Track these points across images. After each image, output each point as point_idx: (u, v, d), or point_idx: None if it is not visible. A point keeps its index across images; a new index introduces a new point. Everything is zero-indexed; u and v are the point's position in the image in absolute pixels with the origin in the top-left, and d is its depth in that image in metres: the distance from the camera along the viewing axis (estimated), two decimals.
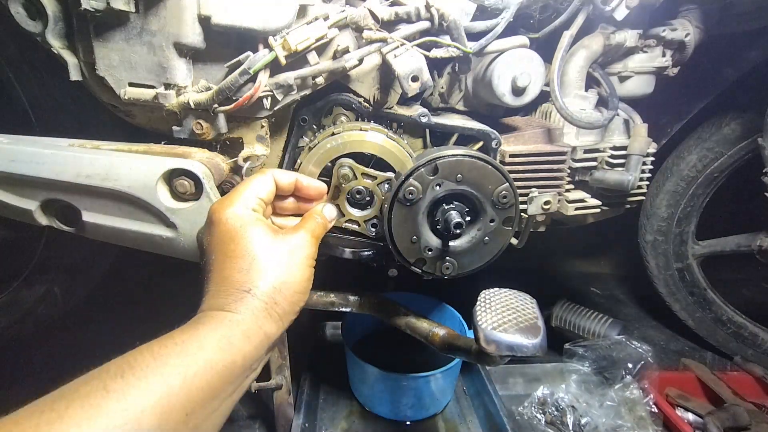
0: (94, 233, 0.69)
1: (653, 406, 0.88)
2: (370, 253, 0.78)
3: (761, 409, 0.91)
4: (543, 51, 0.76)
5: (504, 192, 0.72)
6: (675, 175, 1.04)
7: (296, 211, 0.61)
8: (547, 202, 0.82)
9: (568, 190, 0.87)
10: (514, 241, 0.79)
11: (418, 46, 0.68)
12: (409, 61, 0.67)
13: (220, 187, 0.68)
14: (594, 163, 0.88)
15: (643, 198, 0.96)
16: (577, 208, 0.86)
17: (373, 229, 0.77)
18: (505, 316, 0.55)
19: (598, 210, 0.89)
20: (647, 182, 0.93)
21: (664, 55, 0.88)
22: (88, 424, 0.32)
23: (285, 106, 0.71)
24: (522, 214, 0.80)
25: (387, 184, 0.74)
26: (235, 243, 0.47)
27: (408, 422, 0.93)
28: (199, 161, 0.65)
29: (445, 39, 0.70)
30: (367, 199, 0.76)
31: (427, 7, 0.67)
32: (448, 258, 0.75)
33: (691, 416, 0.91)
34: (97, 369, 0.37)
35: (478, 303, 0.58)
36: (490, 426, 0.89)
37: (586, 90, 0.86)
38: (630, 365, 0.95)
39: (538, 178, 0.82)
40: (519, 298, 0.59)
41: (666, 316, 1.20)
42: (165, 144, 0.71)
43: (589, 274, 1.60)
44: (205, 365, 0.38)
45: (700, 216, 1.07)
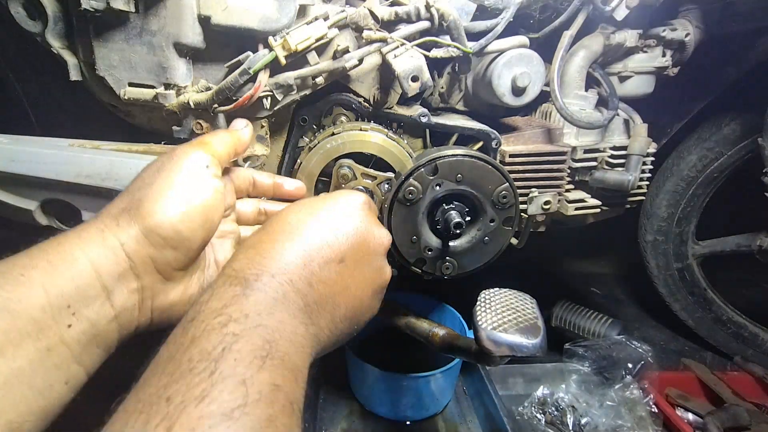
0: None
1: (653, 406, 0.88)
2: None
3: (761, 409, 0.91)
4: (543, 51, 0.76)
5: (504, 192, 0.72)
6: (675, 175, 1.04)
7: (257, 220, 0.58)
8: (547, 202, 0.82)
9: (568, 190, 0.87)
10: (514, 241, 0.79)
11: (418, 46, 0.68)
12: (409, 61, 0.67)
13: None
14: (594, 163, 0.88)
15: (643, 198, 0.96)
16: (577, 208, 0.86)
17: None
18: (505, 316, 0.55)
19: (598, 210, 0.89)
20: (647, 182, 0.93)
21: (664, 55, 0.88)
22: None
23: (285, 106, 0.71)
24: (522, 214, 0.80)
25: (387, 184, 0.74)
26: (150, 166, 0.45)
27: (408, 422, 0.93)
28: None
29: (445, 39, 0.70)
30: None
31: (427, 7, 0.67)
32: (448, 258, 0.75)
33: (691, 416, 0.91)
34: None
35: (478, 303, 0.58)
36: (490, 426, 0.89)
37: (586, 90, 0.86)
38: (630, 365, 0.95)
39: (538, 178, 0.82)
40: (519, 298, 0.59)
41: (666, 316, 1.20)
42: (165, 144, 0.71)
43: (589, 274, 1.60)
44: None
45: (700, 216, 1.07)
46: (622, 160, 0.87)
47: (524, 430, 0.90)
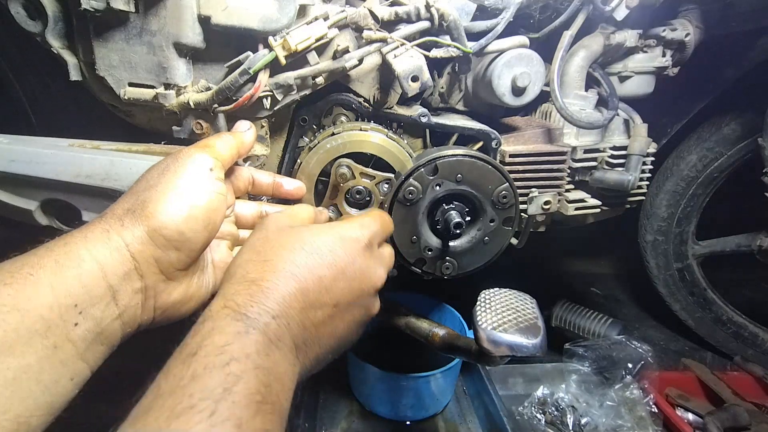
0: None
1: (653, 406, 0.88)
2: None
3: (761, 409, 0.91)
4: (543, 51, 0.76)
5: (504, 192, 0.72)
6: (675, 175, 1.04)
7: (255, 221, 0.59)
8: (547, 202, 0.82)
9: (568, 190, 0.87)
10: (514, 241, 0.79)
11: (418, 46, 0.68)
12: (409, 61, 0.67)
13: None
14: (594, 163, 0.88)
15: (643, 198, 0.96)
16: (577, 208, 0.86)
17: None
18: (505, 316, 0.55)
19: (598, 210, 0.89)
20: (647, 182, 0.93)
21: (664, 55, 0.88)
22: None
23: (285, 106, 0.71)
24: (522, 214, 0.80)
25: (386, 184, 0.74)
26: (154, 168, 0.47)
27: (408, 422, 0.93)
28: None
29: (445, 39, 0.70)
30: (367, 199, 0.76)
31: (427, 7, 0.67)
32: (448, 258, 0.75)
33: (691, 416, 0.91)
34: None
35: (478, 303, 0.58)
36: (490, 426, 0.89)
37: (586, 90, 0.86)
38: (630, 365, 0.95)
39: (538, 178, 0.82)
40: (519, 298, 0.59)
41: (666, 316, 1.20)
42: (165, 144, 0.71)
43: (589, 274, 1.60)
44: None
45: (700, 216, 1.07)
46: (622, 160, 0.87)
47: (524, 430, 0.90)
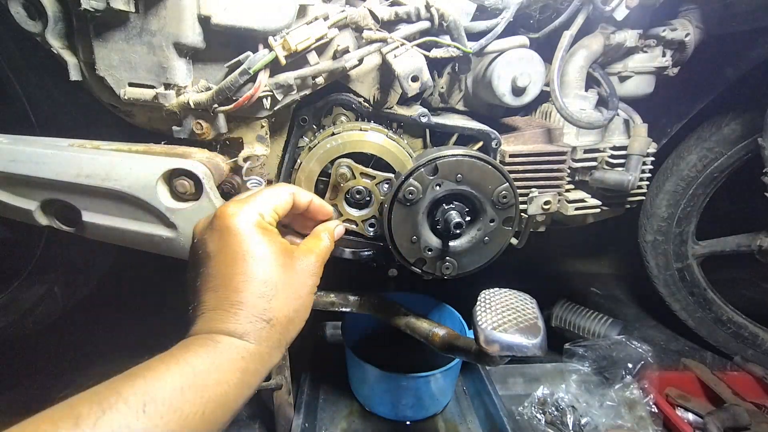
0: (94, 233, 0.69)
1: (653, 406, 0.88)
2: (369, 253, 0.78)
3: (761, 409, 0.91)
4: (543, 51, 0.76)
5: (504, 192, 0.72)
6: (675, 175, 1.04)
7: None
8: (547, 202, 0.82)
9: (568, 190, 0.87)
10: (514, 241, 0.79)
11: (418, 46, 0.68)
12: (409, 61, 0.67)
13: (220, 187, 0.68)
14: (594, 163, 0.88)
15: (643, 198, 0.96)
16: (577, 208, 0.86)
17: (371, 229, 0.77)
18: (505, 316, 0.55)
19: (598, 210, 0.89)
20: (647, 182, 0.93)
21: (664, 55, 0.88)
22: None
23: (285, 106, 0.71)
24: (522, 214, 0.80)
25: (386, 184, 0.74)
26: (252, 261, 0.43)
27: (408, 422, 0.93)
28: (199, 161, 0.65)
29: (445, 39, 0.70)
30: (367, 199, 0.76)
31: (427, 7, 0.67)
32: (448, 258, 0.75)
33: (691, 416, 0.91)
34: (76, 398, 0.32)
35: (478, 303, 0.58)
36: (490, 426, 0.89)
37: (586, 90, 0.86)
38: (630, 365, 0.95)
39: (538, 178, 0.82)
40: (519, 298, 0.59)
41: (666, 316, 1.20)
42: (165, 144, 0.71)
43: (589, 274, 1.60)
44: (223, 401, 0.37)
45: (700, 216, 1.07)
46: (622, 160, 0.87)
47: (524, 430, 0.90)
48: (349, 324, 1.01)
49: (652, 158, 0.91)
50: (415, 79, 0.67)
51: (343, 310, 0.81)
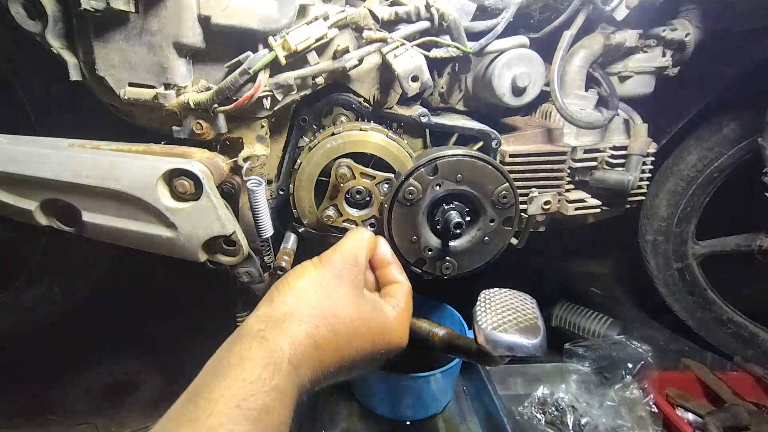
0: (94, 233, 0.69)
1: (653, 406, 0.88)
2: None
3: (761, 409, 0.91)
4: (543, 51, 0.76)
5: (504, 192, 0.72)
6: (675, 175, 1.04)
7: None
8: (547, 202, 0.82)
9: (568, 190, 0.87)
10: (514, 241, 0.79)
11: (418, 46, 0.68)
12: (409, 61, 0.67)
13: (220, 188, 0.68)
14: (594, 163, 0.88)
15: (643, 198, 0.96)
16: (577, 208, 0.86)
17: (371, 229, 0.77)
18: (505, 316, 0.55)
19: (598, 210, 0.89)
20: (647, 182, 0.93)
21: (664, 55, 0.88)
22: None
23: (285, 106, 0.71)
24: (522, 214, 0.80)
25: (386, 184, 0.74)
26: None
27: (408, 422, 0.93)
28: (199, 161, 0.65)
29: (445, 39, 0.70)
30: (367, 199, 0.76)
31: (427, 7, 0.67)
32: (448, 258, 0.75)
33: (691, 416, 0.91)
34: None
35: (478, 303, 0.58)
36: (490, 426, 0.89)
37: (586, 90, 0.86)
38: (630, 365, 0.95)
39: (538, 178, 0.82)
40: (519, 298, 0.59)
41: (666, 316, 1.20)
42: (165, 144, 0.71)
43: (589, 274, 1.60)
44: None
45: (700, 216, 1.07)
46: (622, 160, 0.87)
47: (524, 430, 0.90)
48: None
49: (652, 158, 0.91)
50: (415, 79, 0.67)
51: None
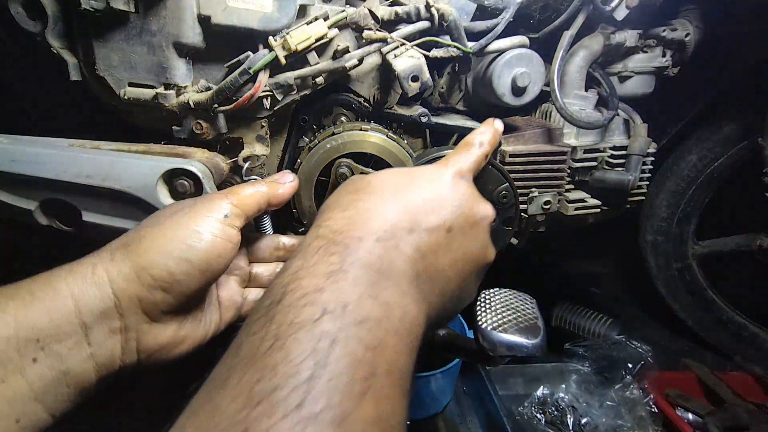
0: (94, 233, 0.69)
1: (653, 406, 0.88)
2: None
3: (761, 409, 0.91)
4: (543, 51, 0.76)
5: (504, 192, 0.71)
6: (675, 175, 1.04)
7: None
8: (547, 202, 0.82)
9: (568, 190, 0.87)
10: (514, 241, 0.79)
11: (418, 46, 0.68)
12: (409, 61, 0.67)
13: (220, 188, 0.68)
14: (594, 163, 0.88)
15: (643, 198, 0.96)
16: (577, 208, 0.86)
17: None
18: (505, 316, 0.55)
19: (598, 210, 0.89)
20: (647, 182, 0.93)
21: (664, 55, 0.88)
22: None
23: (285, 106, 0.71)
24: (522, 214, 0.80)
25: None
26: None
27: (408, 422, 0.93)
28: (199, 161, 0.65)
29: (445, 39, 0.70)
30: None
31: (427, 7, 0.67)
32: None
33: (691, 416, 0.91)
34: None
35: (478, 303, 0.58)
36: (490, 426, 0.89)
37: (586, 90, 0.86)
38: (630, 365, 0.95)
39: (538, 178, 0.82)
40: (519, 298, 0.59)
41: (666, 316, 1.20)
42: (165, 144, 0.71)
43: (589, 274, 1.60)
44: None
45: (700, 216, 1.07)
46: (622, 160, 0.87)
47: (524, 430, 0.90)
48: None
49: (652, 158, 0.91)
50: (415, 79, 0.67)
51: None
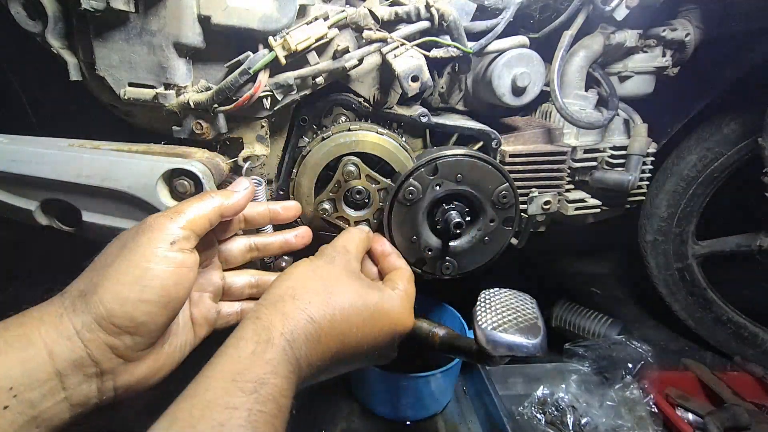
0: (94, 233, 0.69)
1: (653, 406, 0.88)
2: None
3: (761, 409, 0.91)
4: (543, 51, 0.76)
5: (504, 192, 0.72)
6: (675, 175, 1.04)
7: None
8: (547, 202, 0.82)
9: (568, 190, 0.87)
10: (514, 241, 0.80)
11: (418, 46, 0.68)
12: (409, 61, 0.67)
13: (220, 187, 0.68)
14: (594, 163, 0.88)
15: (643, 198, 0.96)
16: (577, 208, 0.86)
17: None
18: (505, 316, 0.55)
19: (598, 210, 0.89)
20: (647, 182, 0.93)
21: (664, 55, 0.88)
22: None
23: (285, 106, 0.71)
24: (522, 214, 0.80)
25: (387, 191, 0.74)
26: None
27: (408, 422, 0.93)
28: (199, 161, 0.65)
29: (445, 39, 0.70)
30: (365, 201, 0.76)
31: (427, 7, 0.67)
32: (448, 258, 0.75)
33: (691, 416, 0.91)
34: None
35: (478, 303, 0.58)
36: (490, 426, 0.89)
37: (586, 90, 0.86)
38: (630, 365, 0.95)
39: (538, 178, 0.82)
40: (519, 298, 0.59)
41: (666, 316, 1.20)
42: (165, 144, 0.71)
43: (589, 274, 1.60)
44: None
45: (700, 216, 1.07)
46: (622, 160, 0.87)
47: (524, 430, 0.90)
48: None
49: (652, 158, 0.91)
50: (415, 79, 0.67)
51: None
